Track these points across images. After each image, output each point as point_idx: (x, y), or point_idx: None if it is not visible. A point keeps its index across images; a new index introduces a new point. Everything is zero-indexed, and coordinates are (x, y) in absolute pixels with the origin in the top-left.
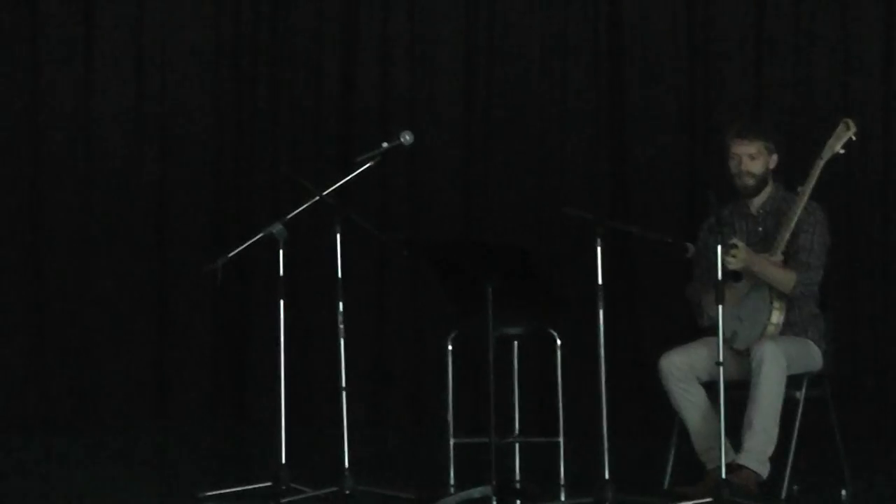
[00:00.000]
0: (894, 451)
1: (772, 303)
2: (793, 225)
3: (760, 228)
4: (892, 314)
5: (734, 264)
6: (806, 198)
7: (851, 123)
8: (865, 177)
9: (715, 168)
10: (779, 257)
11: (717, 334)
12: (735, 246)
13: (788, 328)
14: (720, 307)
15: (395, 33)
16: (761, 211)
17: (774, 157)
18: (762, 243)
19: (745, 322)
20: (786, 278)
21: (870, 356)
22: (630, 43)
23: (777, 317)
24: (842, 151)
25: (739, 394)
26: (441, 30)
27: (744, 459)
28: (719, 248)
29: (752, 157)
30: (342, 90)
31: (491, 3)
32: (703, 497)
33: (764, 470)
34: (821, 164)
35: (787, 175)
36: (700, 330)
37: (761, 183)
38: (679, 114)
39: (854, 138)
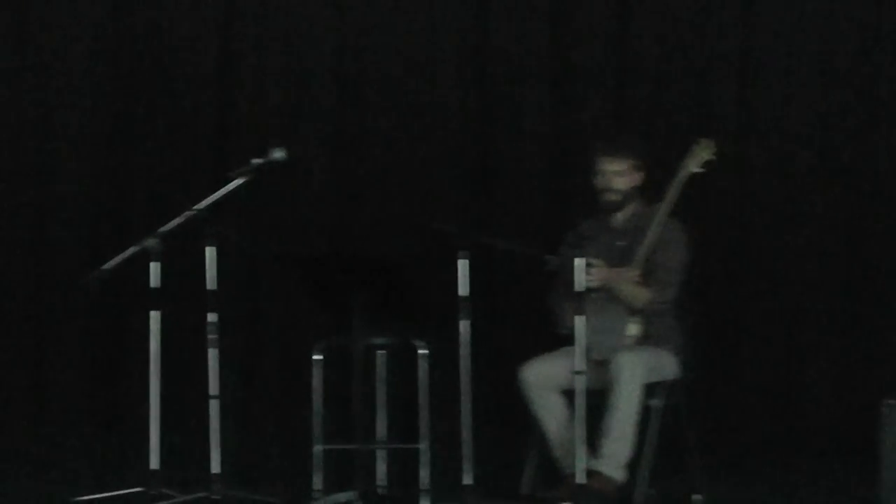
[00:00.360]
0: (746, 458)
1: (629, 315)
2: (651, 242)
3: (622, 243)
4: (744, 327)
5: (591, 282)
6: (663, 215)
7: (709, 144)
8: (720, 193)
9: (577, 183)
10: (636, 272)
11: (576, 344)
12: (591, 265)
13: (646, 339)
14: (579, 318)
15: (269, 54)
16: (624, 226)
17: (640, 175)
18: (622, 257)
19: (603, 333)
20: (639, 295)
21: (723, 366)
22: (495, 64)
23: (634, 329)
24: (700, 171)
25: (598, 402)
26: (313, 50)
27: (601, 465)
28: (577, 261)
29: (618, 175)
30: (217, 108)
31: (362, 27)
32: (561, 502)
33: (620, 475)
34: (678, 182)
35: (649, 192)
36: (560, 338)
37: (626, 199)
38: (542, 131)
39: (713, 158)
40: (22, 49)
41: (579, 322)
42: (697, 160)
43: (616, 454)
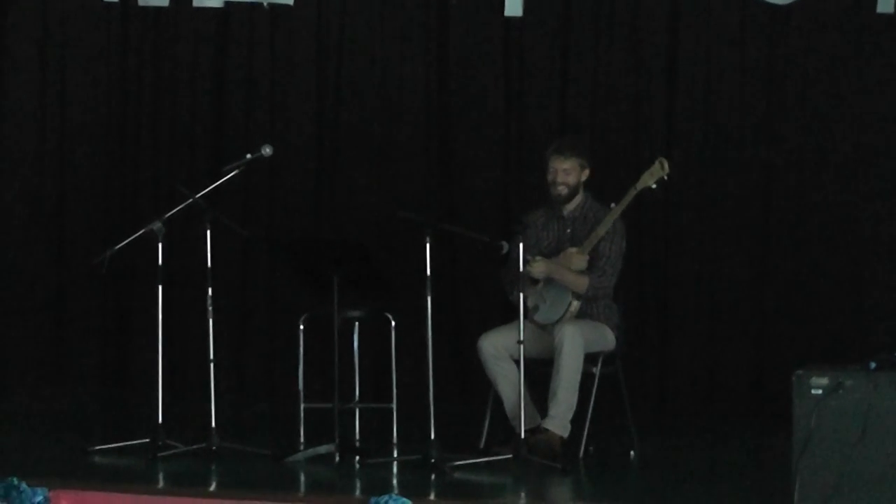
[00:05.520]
0: (672, 419)
1: (572, 293)
2: (599, 234)
3: (569, 230)
4: (670, 306)
5: (535, 273)
6: (616, 216)
7: (666, 164)
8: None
9: (525, 177)
10: (586, 255)
11: (525, 317)
12: (535, 260)
13: (587, 313)
14: (521, 296)
15: (258, 61)
16: (572, 215)
17: (587, 172)
18: (570, 241)
19: (548, 302)
20: (580, 283)
21: (653, 340)
22: (455, 74)
23: (575, 306)
24: (654, 186)
25: (545, 370)
26: (297, 58)
27: (549, 424)
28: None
29: (567, 172)
30: (213, 109)
31: (339, 40)
32: (511, 454)
33: (565, 432)
34: (633, 192)
35: (595, 188)
36: (511, 306)
37: (573, 193)
38: (496, 132)
39: (666, 178)
40: (45, 71)
41: (521, 300)
42: (654, 176)
43: (561, 414)
